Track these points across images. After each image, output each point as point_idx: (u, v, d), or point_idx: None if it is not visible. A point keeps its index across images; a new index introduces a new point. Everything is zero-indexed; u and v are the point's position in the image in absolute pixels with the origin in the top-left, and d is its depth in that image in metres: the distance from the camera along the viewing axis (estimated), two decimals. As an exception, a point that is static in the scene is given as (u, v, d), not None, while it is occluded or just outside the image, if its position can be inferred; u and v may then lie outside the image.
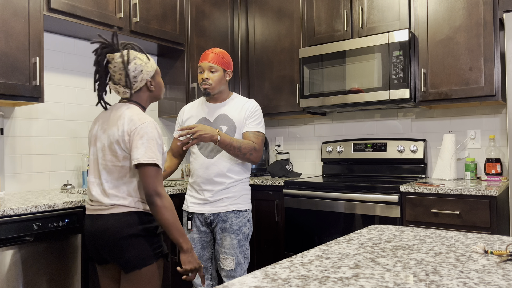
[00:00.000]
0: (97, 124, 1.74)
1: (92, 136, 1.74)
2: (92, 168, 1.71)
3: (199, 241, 2.17)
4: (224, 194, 2.14)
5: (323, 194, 2.68)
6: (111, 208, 1.63)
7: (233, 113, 2.19)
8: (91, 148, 1.73)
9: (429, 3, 2.67)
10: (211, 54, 2.17)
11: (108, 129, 1.67)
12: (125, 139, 1.62)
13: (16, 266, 1.81)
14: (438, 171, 2.77)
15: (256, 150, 2.14)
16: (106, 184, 1.65)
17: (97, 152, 1.69)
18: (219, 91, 2.20)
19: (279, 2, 3.35)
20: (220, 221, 2.13)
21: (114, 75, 1.69)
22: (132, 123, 1.62)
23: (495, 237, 1.17)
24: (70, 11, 2.36)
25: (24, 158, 2.52)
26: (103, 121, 1.72)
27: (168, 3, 2.95)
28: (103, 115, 1.75)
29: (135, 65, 1.68)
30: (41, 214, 1.89)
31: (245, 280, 0.82)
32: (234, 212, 2.14)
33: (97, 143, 1.70)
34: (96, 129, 1.73)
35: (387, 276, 0.83)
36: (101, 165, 1.67)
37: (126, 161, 1.64)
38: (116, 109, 1.71)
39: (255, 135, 2.17)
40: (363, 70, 2.79)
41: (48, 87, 2.66)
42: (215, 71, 2.16)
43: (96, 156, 1.69)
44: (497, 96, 2.47)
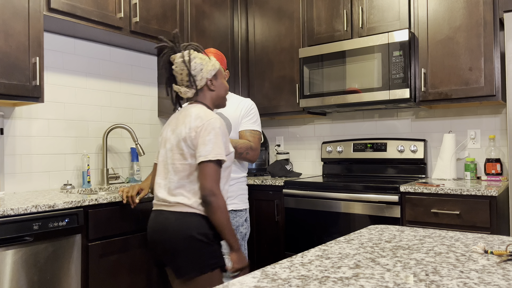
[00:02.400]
0: (168, 127, 1.77)
1: (162, 139, 1.78)
2: (160, 170, 1.74)
3: None
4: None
5: (323, 194, 2.68)
6: (175, 205, 1.64)
7: (228, 112, 2.20)
8: (161, 151, 1.76)
9: (429, 3, 2.67)
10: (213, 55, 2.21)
11: (176, 129, 1.70)
12: (192, 136, 1.63)
13: (16, 266, 1.81)
14: (438, 171, 2.77)
15: (253, 149, 2.13)
16: (173, 183, 1.66)
17: (166, 153, 1.72)
18: None
19: (279, 2, 3.35)
20: None
21: (177, 75, 1.73)
22: (199, 120, 1.64)
23: (495, 237, 1.17)
24: (70, 11, 2.36)
25: (24, 158, 2.52)
26: (171, 122, 1.77)
27: (168, 3, 2.95)
28: (173, 118, 1.79)
29: (195, 64, 1.71)
30: (41, 214, 1.89)
31: (245, 280, 0.82)
32: (231, 212, 2.13)
33: (167, 145, 1.73)
34: (167, 131, 1.76)
35: (387, 276, 0.83)
36: (169, 165, 1.69)
37: (193, 159, 1.65)
38: (184, 110, 1.74)
39: (251, 133, 2.17)
40: (363, 70, 2.79)
41: (48, 87, 2.66)
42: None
43: (165, 158, 1.72)
44: (497, 96, 2.47)
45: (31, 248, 1.87)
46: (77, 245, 2.05)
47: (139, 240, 2.34)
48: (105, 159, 2.86)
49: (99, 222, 2.13)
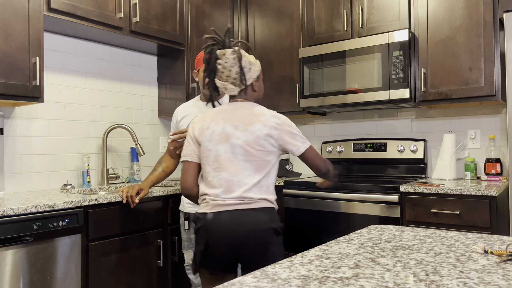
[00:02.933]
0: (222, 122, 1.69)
1: (216, 134, 1.68)
2: (224, 165, 1.65)
3: None
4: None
5: (323, 194, 2.68)
6: (259, 202, 1.64)
7: None
8: (220, 146, 1.67)
9: (429, 3, 2.67)
10: None
11: (249, 126, 1.66)
12: (274, 134, 1.67)
13: (16, 266, 1.81)
14: (438, 171, 2.77)
15: None
16: (251, 180, 1.64)
17: (234, 149, 1.65)
18: None
19: (279, 2, 3.35)
20: None
21: (224, 71, 1.69)
22: (277, 118, 1.69)
23: (495, 237, 1.17)
24: (70, 11, 2.36)
25: (24, 158, 2.52)
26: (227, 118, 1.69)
27: (168, 3, 2.95)
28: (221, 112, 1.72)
29: (245, 62, 1.71)
30: (41, 214, 1.89)
31: (245, 280, 0.82)
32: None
33: (231, 140, 1.66)
34: (222, 126, 1.68)
35: (387, 276, 0.83)
36: (244, 161, 1.65)
37: (272, 156, 1.69)
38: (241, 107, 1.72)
39: None
40: (363, 70, 2.79)
41: (48, 87, 2.66)
42: None
43: (231, 154, 1.65)
44: (497, 96, 2.47)
45: (31, 248, 1.87)
46: (77, 245, 2.05)
47: (139, 240, 2.34)
48: (105, 159, 2.86)
49: (99, 222, 2.13)
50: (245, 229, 1.60)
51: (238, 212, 1.62)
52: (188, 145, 1.75)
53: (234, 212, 1.62)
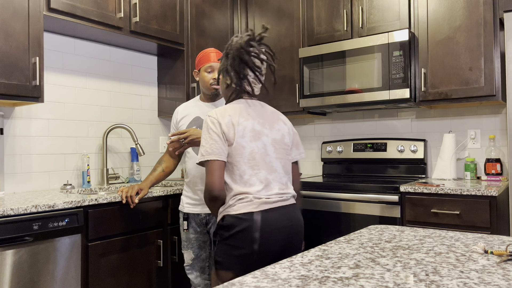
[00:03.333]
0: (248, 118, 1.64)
1: (247, 130, 1.61)
2: (260, 164, 1.60)
3: (196, 241, 2.16)
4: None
5: (323, 194, 2.68)
6: (292, 198, 1.71)
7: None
8: (253, 143, 1.61)
9: (429, 3, 2.67)
10: (215, 53, 2.18)
11: (274, 123, 1.70)
12: (291, 134, 1.76)
13: (16, 266, 1.81)
14: (438, 171, 2.77)
15: None
16: (283, 177, 1.68)
17: (266, 147, 1.63)
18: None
19: (279, 2, 3.35)
20: (215, 222, 2.10)
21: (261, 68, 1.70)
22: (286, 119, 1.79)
23: (495, 237, 1.16)
24: (70, 11, 2.36)
25: (24, 158, 2.52)
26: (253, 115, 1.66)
27: (168, 3, 2.95)
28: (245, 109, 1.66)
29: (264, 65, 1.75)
30: (41, 214, 1.89)
31: (245, 280, 0.82)
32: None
33: (262, 138, 1.63)
34: (251, 123, 1.63)
35: (387, 276, 0.83)
36: (275, 159, 1.65)
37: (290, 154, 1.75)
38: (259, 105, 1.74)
39: None
40: (363, 70, 2.79)
41: (48, 87, 2.66)
42: None
43: (264, 151, 1.62)
44: (497, 96, 2.47)
45: (31, 248, 1.87)
46: (77, 245, 2.05)
47: (139, 240, 2.34)
48: (105, 159, 2.86)
49: (99, 222, 2.13)
50: (293, 224, 1.62)
51: (283, 209, 1.62)
52: (213, 142, 1.58)
53: (280, 209, 1.60)
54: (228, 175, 1.61)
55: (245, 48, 1.65)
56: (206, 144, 1.59)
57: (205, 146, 1.59)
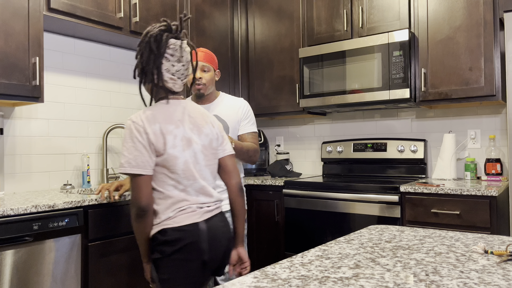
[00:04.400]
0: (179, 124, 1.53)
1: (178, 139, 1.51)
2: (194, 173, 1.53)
3: None
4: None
5: (323, 194, 2.68)
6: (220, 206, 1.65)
7: (225, 114, 2.17)
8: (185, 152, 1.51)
9: (429, 3, 2.67)
10: (201, 53, 2.12)
11: (202, 128, 1.58)
12: (219, 136, 1.65)
13: (16, 266, 1.81)
14: (438, 171, 2.77)
15: (258, 151, 2.20)
16: (213, 183, 1.63)
17: (196, 155, 1.54)
18: (210, 91, 2.18)
19: (279, 2, 3.35)
20: None
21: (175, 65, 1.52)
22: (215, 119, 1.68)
23: (495, 237, 1.16)
24: (70, 11, 2.36)
25: (24, 158, 2.52)
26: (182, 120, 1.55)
27: (168, 3, 2.95)
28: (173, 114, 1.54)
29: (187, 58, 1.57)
30: (41, 214, 1.89)
31: (245, 280, 0.82)
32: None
33: (193, 145, 1.54)
34: (182, 130, 1.53)
35: (387, 276, 0.83)
36: (205, 166, 1.58)
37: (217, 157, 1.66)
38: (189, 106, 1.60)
39: (252, 135, 2.21)
40: (363, 70, 2.79)
41: (48, 87, 2.66)
42: (207, 70, 2.13)
43: (195, 159, 1.54)
44: (497, 96, 2.47)
45: (31, 248, 1.87)
46: (77, 245, 2.05)
47: (139, 240, 2.34)
48: (105, 159, 2.86)
49: (99, 222, 2.13)
50: (230, 231, 1.61)
51: (221, 215, 1.61)
52: (138, 154, 1.45)
53: (218, 216, 1.59)
54: (160, 185, 1.50)
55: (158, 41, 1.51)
56: (129, 154, 1.45)
57: (128, 157, 1.45)
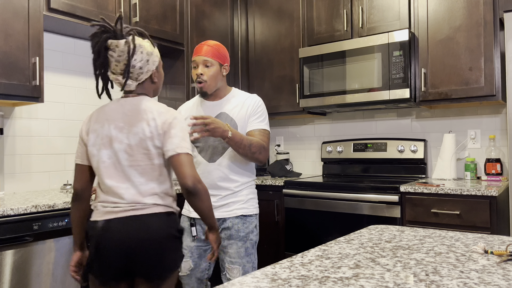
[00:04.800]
0: (107, 123, 1.53)
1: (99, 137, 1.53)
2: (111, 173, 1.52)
3: (197, 249, 1.98)
4: (230, 198, 1.97)
5: (323, 194, 2.68)
6: (151, 207, 1.51)
7: (233, 111, 1.99)
8: (103, 151, 1.52)
9: (429, 3, 2.67)
10: (205, 46, 1.96)
11: (133, 126, 1.51)
12: (160, 133, 1.51)
13: (16, 266, 1.81)
14: (438, 171, 2.77)
15: (265, 149, 1.96)
16: (142, 186, 1.51)
17: (117, 154, 1.51)
18: (216, 88, 2.00)
19: (279, 2, 3.35)
20: (225, 228, 1.96)
21: (117, 64, 1.51)
22: (163, 116, 1.52)
23: (495, 237, 1.16)
24: (70, 11, 2.36)
25: (24, 158, 2.52)
26: (113, 119, 1.54)
27: (168, 3, 2.95)
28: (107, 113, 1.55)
29: (141, 54, 1.52)
30: (41, 214, 1.89)
31: (245, 280, 0.82)
32: (240, 218, 1.96)
33: (114, 144, 1.51)
34: (107, 128, 1.53)
35: (387, 276, 0.83)
36: (128, 167, 1.51)
37: (160, 158, 1.53)
38: (129, 104, 1.54)
39: (261, 133, 1.98)
40: (363, 70, 2.79)
41: (48, 87, 2.66)
42: (210, 65, 1.95)
43: (116, 159, 1.52)
44: (497, 96, 2.47)
45: (31, 248, 1.87)
46: (77, 245, 2.04)
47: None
48: (105, 159, 2.86)
49: (99, 222, 2.13)
50: (136, 237, 1.46)
51: (129, 219, 1.48)
52: (79, 146, 1.61)
53: (125, 219, 1.49)
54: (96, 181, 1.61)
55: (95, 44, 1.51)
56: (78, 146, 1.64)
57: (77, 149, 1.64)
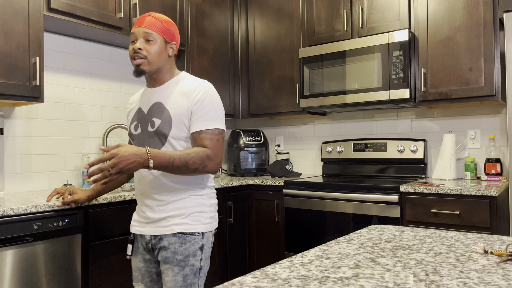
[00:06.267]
0: None
1: None
2: None
3: (147, 272, 1.66)
4: (168, 211, 1.59)
5: (323, 194, 2.68)
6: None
7: (170, 101, 1.59)
8: None
9: (429, 3, 2.67)
10: (149, 17, 1.59)
11: None
12: None
13: (16, 266, 1.81)
14: (438, 171, 2.77)
15: (211, 158, 1.53)
16: None
17: None
18: (157, 69, 1.60)
19: (279, 2, 3.35)
20: (162, 248, 1.59)
21: None
22: None
23: (495, 237, 1.17)
24: (70, 11, 2.36)
25: (24, 158, 2.52)
26: None
27: (168, 3, 2.95)
28: None
29: None
30: (41, 214, 1.89)
31: (245, 280, 0.82)
32: (178, 236, 1.57)
33: None
34: None
35: (387, 276, 0.83)
36: None
37: None
38: None
39: (209, 135, 1.55)
40: (363, 70, 2.79)
41: (48, 87, 2.66)
42: (152, 40, 1.57)
43: None
44: (497, 96, 2.47)
45: (31, 248, 1.87)
46: (77, 245, 2.05)
47: (139, 240, 2.34)
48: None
49: (99, 222, 2.13)
50: None
51: None
52: None
53: None
54: None
55: None
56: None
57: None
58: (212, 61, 3.31)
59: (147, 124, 1.60)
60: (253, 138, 3.45)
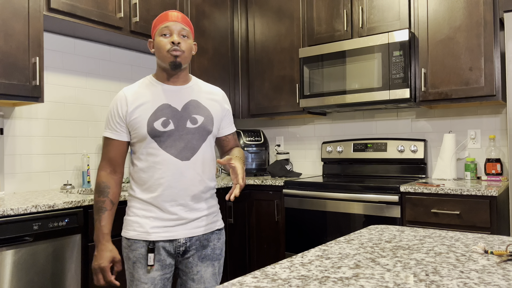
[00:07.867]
0: None
1: None
2: None
3: (161, 281, 1.53)
4: (206, 209, 1.61)
5: (323, 194, 2.68)
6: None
7: (206, 101, 1.63)
8: None
9: (429, 3, 2.67)
10: (181, 14, 1.58)
11: None
12: None
13: (16, 266, 1.81)
14: (438, 171, 2.77)
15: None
16: None
17: None
18: (187, 65, 1.61)
19: (279, 2, 3.35)
20: (199, 247, 1.58)
21: None
22: None
23: (495, 237, 1.16)
24: (70, 11, 2.36)
25: (24, 158, 2.52)
26: None
27: (168, 3, 2.95)
28: None
29: None
30: (41, 214, 1.89)
31: (245, 280, 0.82)
32: (215, 233, 1.63)
33: None
34: None
35: (387, 276, 0.83)
36: None
37: None
38: None
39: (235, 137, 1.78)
40: (363, 70, 2.79)
41: (48, 87, 2.66)
42: (187, 36, 1.57)
43: None
44: (497, 96, 2.47)
45: (31, 248, 1.87)
46: (77, 245, 2.05)
47: (139, 240, 2.33)
48: (105, 159, 2.86)
49: (99, 222, 2.13)
50: None
51: None
52: None
53: None
54: None
55: None
56: None
57: None
58: (212, 61, 3.31)
59: (184, 121, 1.56)
60: (253, 138, 3.45)
